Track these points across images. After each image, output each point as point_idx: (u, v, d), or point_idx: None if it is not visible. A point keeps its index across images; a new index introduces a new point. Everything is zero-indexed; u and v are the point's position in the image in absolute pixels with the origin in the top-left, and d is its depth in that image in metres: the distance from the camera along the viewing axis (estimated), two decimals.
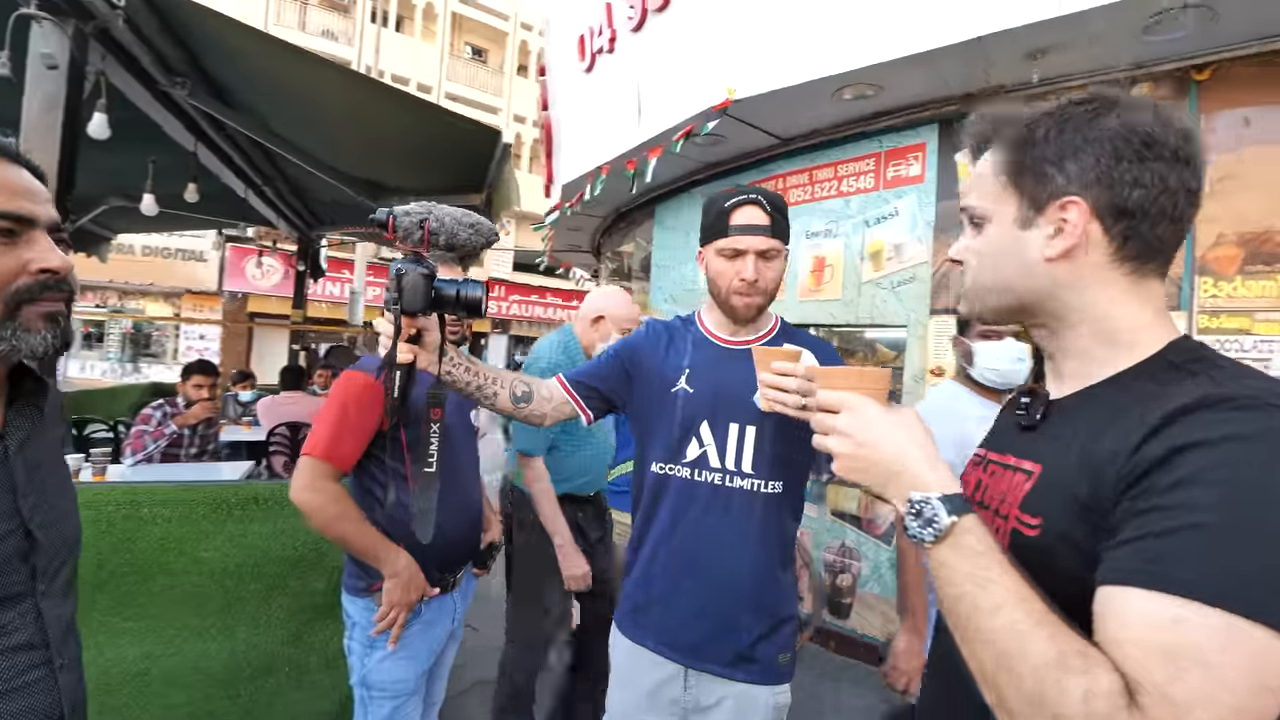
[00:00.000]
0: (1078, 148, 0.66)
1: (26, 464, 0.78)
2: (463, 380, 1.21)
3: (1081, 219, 0.65)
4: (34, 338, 0.74)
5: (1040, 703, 0.51)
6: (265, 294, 13.65)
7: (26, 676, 0.75)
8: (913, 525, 0.62)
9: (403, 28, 18.99)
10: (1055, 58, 2.64)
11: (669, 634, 1.32)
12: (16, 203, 0.73)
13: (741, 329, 1.37)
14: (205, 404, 3.48)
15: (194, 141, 3.26)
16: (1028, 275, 0.70)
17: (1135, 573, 0.52)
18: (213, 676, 2.00)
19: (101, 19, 2.18)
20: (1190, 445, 0.53)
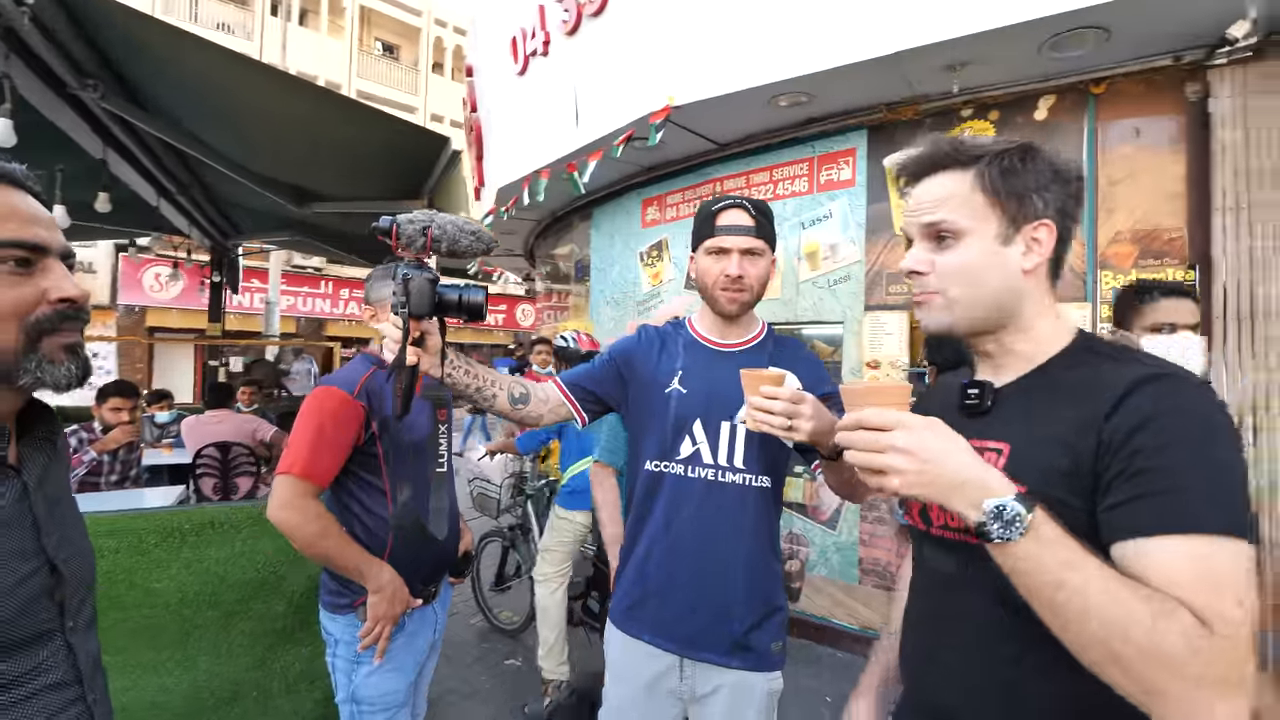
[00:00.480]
0: (1050, 180, 0.81)
1: (47, 500, 0.75)
2: (463, 382, 1.22)
3: (1050, 239, 0.81)
4: (58, 370, 0.72)
5: (1154, 650, 0.61)
6: (166, 306, 12.68)
7: (64, 714, 0.73)
8: (994, 528, 0.66)
9: (307, 22, 18.07)
10: (973, 70, 2.88)
11: (665, 626, 1.36)
12: (31, 231, 0.71)
13: (731, 332, 1.43)
14: (126, 427, 3.24)
15: (103, 148, 3.03)
16: (1009, 285, 0.82)
17: (1162, 523, 0.65)
18: (173, 711, 1.90)
19: (6, 18, 2.02)
20: (1156, 415, 0.68)
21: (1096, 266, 2.92)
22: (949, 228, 0.82)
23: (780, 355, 1.43)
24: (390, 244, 1.04)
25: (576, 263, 5.97)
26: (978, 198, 0.81)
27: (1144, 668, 0.62)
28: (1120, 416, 0.70)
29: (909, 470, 0.70)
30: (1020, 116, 3.04)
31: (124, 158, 3.26)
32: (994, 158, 0.81)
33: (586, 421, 1.44)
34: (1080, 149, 2.93)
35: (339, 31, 18.29)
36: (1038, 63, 2.80)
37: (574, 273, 6.07)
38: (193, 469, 3.84)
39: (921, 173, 0.86)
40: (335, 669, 1.60)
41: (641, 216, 4.86)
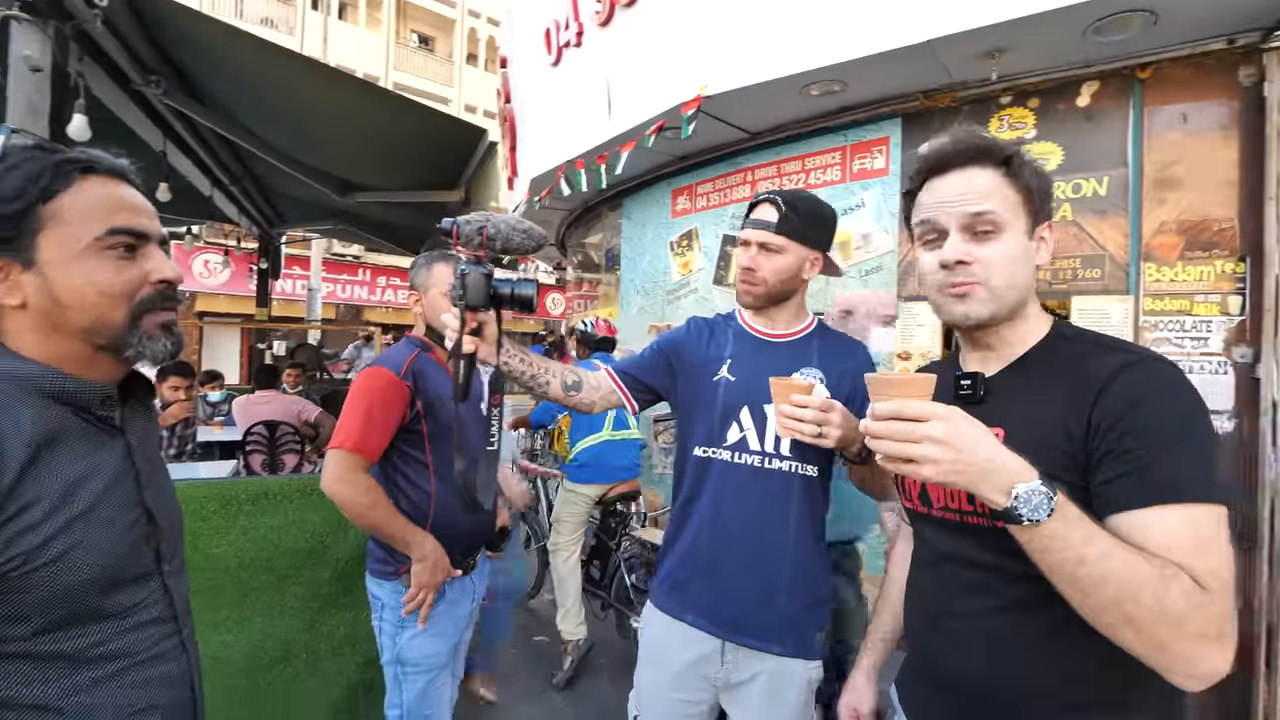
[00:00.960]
0: (1049, 186, 0.91)
1: (146, 458, 0.85)
2: (518, 369, 1.29)
3: (1053, 239, 0.91)
4: (156, 344, 0.81)
5: (1162, 611, 0.68)
6: (214, 292, 13.16)
7: (161, 646, 0.83)
8: (1024, 510, 0.71)
9: (346, 15, 18.41)
10: (1012, 56, 2.83)
11: (710, 608, 1.39)
12: (137, 219, 0.80)
13: (778, 323, 1.47)
14: (183, 404, 3.44)
15: (163, 140, 3.20)
16: (1030, 278, 0.90)
17: (1153, 496, 0.74)
18: (233, 666, 2.04)
19: (80, 19, 2.16)
20: (1140, 399, 0.77)
21: (1140, 258, 2.86)
22: (994, 219, 0.86)
23: (828, 349, 1.45)
24: (452, 242, 1.12)
25: (607, 252, 6.03)
26: (1012, 194, 0.87)
27: (1153, 627, 0.68)
28: (1108, 399, 0.78)
29: (944, 460, 0.72)
30: (1062, 103, 2.99)
31: (182, 150, 3.43)
32: (1021, 157, 0.88)
33: (637, 410, 1.49)
34: (1125, 136, 2.86)
35: (376, 24, 18.60)
36: (1080, 48, 2.74)
37: (604, 262, 6.14)
38: (242, 445, 4.04)
39: (953, 165, 0.89)
40: (381, 632, 1.71)
41: (672, 206, 4.89)
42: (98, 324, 0.77)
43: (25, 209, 0.73)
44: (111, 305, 0.77)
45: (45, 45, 2.04)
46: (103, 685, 0.75)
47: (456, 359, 1.13)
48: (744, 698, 1.39)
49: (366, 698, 2.27)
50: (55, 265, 0.75)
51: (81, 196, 0.76)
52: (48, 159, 0.76)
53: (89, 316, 0.76)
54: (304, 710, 2.17)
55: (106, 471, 0.79)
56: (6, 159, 0.74)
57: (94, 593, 0.75)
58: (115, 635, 0.77)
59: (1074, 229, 2.86)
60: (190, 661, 0.89)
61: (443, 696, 1.75)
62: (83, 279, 0.75)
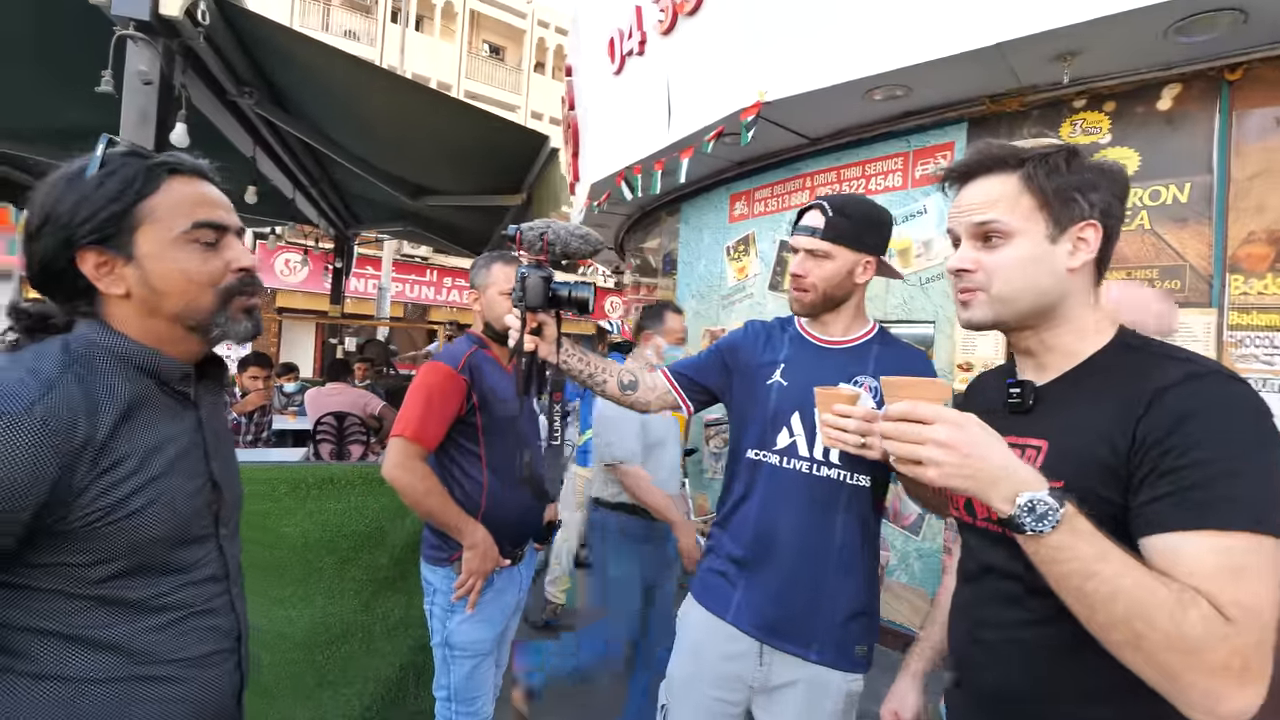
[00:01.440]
0: (1095, 181, 0.84)
1: (214, 431, 0.95)
2: (577, 368, 1.34)
3: (1097, 239, 0.84)
4: (239, 325, 0.89)
5: (1178, 636, 0.64)
6: (292, 289, 13.96)
7: (214, 602, 0.91)
8: (1029, 521, 0.70)
9: (422, 27, 19.21)
10: (1086, 59, 2.72)
11: (750, 610, 1.38)
12: (216, 213, 0.88)
13: (835, 329, 1.44)
14: (260, 392, 3.67)
15: (253, 146, 3.44)
16: (1054, 283, 0.85)
17: (1186, 519, 0.69)
18: (295, 640, 2.17)
19: (186, 37, 2.35)
20: (1191, 414, 0.71)
21: (1225, 269, 2.69)
22: (998, 228, 0.85)
23: (887, 356, 1.41)
24: (515, 247, 1.19)
25: (664, 256, 6.08)
26: (1025, 199, 0.84)
27: (1164, 651, 0.65)
28: (1154, 415, 0.73)
29: (947, 463, 0.73)
30: (1140, 106, 2.84)
31: (268, 155, 3.68)
32: (1040, 160, 0.84)
33: (693, 411, 1.51)
34: (1210, 140, 2.70)
35: (450, 35, 19.33)
36: (1161, 49, 2.61)
37: (661, 266, 6.19)
38: (313, 435, 4.28)
39: (969, 175, 0.89)
40: (432, 615, 1.79)
41: (730, 211, 4.90)
42: (188, 308, 0.85)
43: (124, 209, 0.81)
44: (199, 291, 0.85)
45: (155, 61, 2.24)
46: (163, 631, 0.83)
47: (518, 357, 1.19)
48: (778, 704, 1.37)
49: (417, 680, 2.37)
50: (151, 258, 0.82)
51: (170, 195, 0.84)
52: (140, 164, 0.83)
53: (181, 302, 0.84)
54: (359, 687, 2.29)
55: (181, 439, 0.87)
56: (106, 165, 0.82)
57: (163, 547, 0.82)
58: (176, 588, 0.85)
59: (1151, 238, 2.71)
60: (238, 618, 0.96)
61: (487, 681, 1.82)
62: (174, 268, 0.83)
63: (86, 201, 0.80)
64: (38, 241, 0.82)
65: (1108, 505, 0.75)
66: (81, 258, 0.81)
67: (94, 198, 0.80)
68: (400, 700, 2.34)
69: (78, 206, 0.80)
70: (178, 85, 2.42)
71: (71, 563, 0.76)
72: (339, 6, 18.00)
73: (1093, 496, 0.74)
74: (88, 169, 0.81)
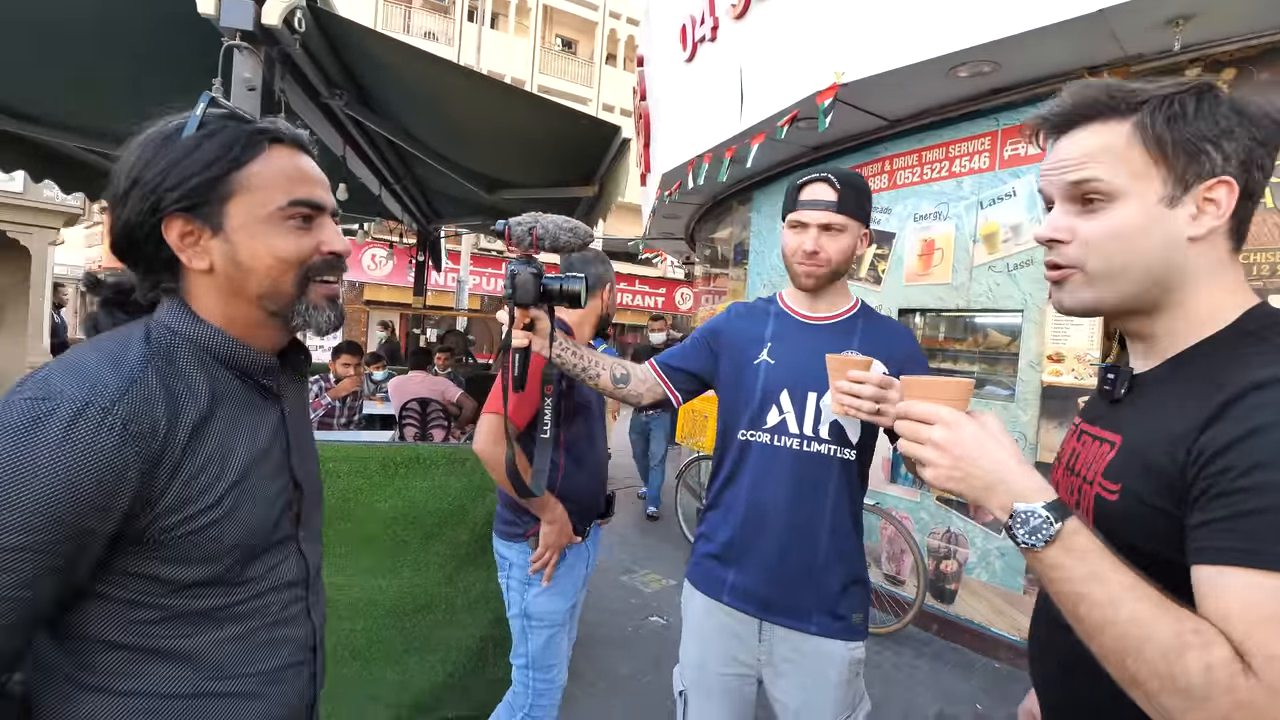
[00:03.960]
0: (1232, 128, 0.67)
1: (296, 426, 0.89)
2: (570, 362, 1.37)
3: (1230, 200, 0.67)
4: (320, 315, 0.82)
5: (1170, 678, 0.56)
6: (378, 283, 14.71)
7: (290, 609, 0.85)
8: (1021, 533, 0.65)
9: (497, 25, 19.69)
10: (1200, 23, 2.50)
11: (746, 589, 1.40)
12: (315, 191, 0.80)
13: (820, 305, 1.45)
14: (353, 379, 3.91)
15: (343, 145, 3.65)
16: (1170, 256, 0.69)
17: (1233, 552, 0.58)
18: (383, 608, 2.32)
19: (284, 44, 2.52)
20: (1258, 429, 0.58)
21: None
22: (1100, 188, 0.70)
23: (871, 331, 1.41)
24: (505, 243, 1.21)
25: (736, 246, 6.02)
26: (1136, 152, 0.69)
27: (1159, 695, 0.58)
28: (1222, 425, 0.61)
29: (942, 465, 0.71)
30: (1265, 73, 2.58)
31: (357, 154, 3.89)
32: (1160, 103, 0.68)
33: (681, 402, 1.51)
34: None
35: (524, 31, 19.73)
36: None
37: (732, 256, 6.13)
38: (399, 419, 4.52)
39: (1068, 124, 0.74)
40: (509, 588, 1.88)
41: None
42: (272, 290, 0.78)
43: (219, 176, 0.74)
44: (285, 271, 0.78)
45: (258, 68, 2.41)
46: (238, 643, 0.77)
47: (507, 352, 1.22)
48: (785, 676, 1.39)
49: (495, 651, 2.49)
50: (241, 231, 0.75)
51: (269, 165, 0.77)
52: (241, 128, 0.76)
53: (266, 282, 0.77)
54: (441, 656, 2.42)
55: (264, 436, 0.81)
56: (205, 126, 0.74)
57: (243, 554, 0.76)
58: (252, 596, 0.79)
59: (1275, 216, 2.46)
60: (314, 628, 0.89)
61: (562, 650, 1.90)
62: (264, 245, 0.76)
63: (179, 165, 0.73)
64: (123, 205, 0.74)
65: (1164, 518, 0.65)
66: (168, 225, 0.74)
67: (188, 162, 0.73)
68: (480, 669, 2.46)
69: (169, 169, 0.72)
70: (278, 90, 2.60)
71: (145, 573, 0.70)
72: (419, 9, 18.71)
73: (1147, 506, 0.67)
74: (185, 128, 0.74)
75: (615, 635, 3.29)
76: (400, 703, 2.36)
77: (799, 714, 1.38)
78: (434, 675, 2.40)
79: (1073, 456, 0.83)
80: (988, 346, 3.66)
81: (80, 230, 19.39)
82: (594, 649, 3.11)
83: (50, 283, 7.34)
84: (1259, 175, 0.68)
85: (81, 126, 3.68)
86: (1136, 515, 0.68)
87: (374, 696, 2.35)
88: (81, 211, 7.71)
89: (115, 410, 0.65)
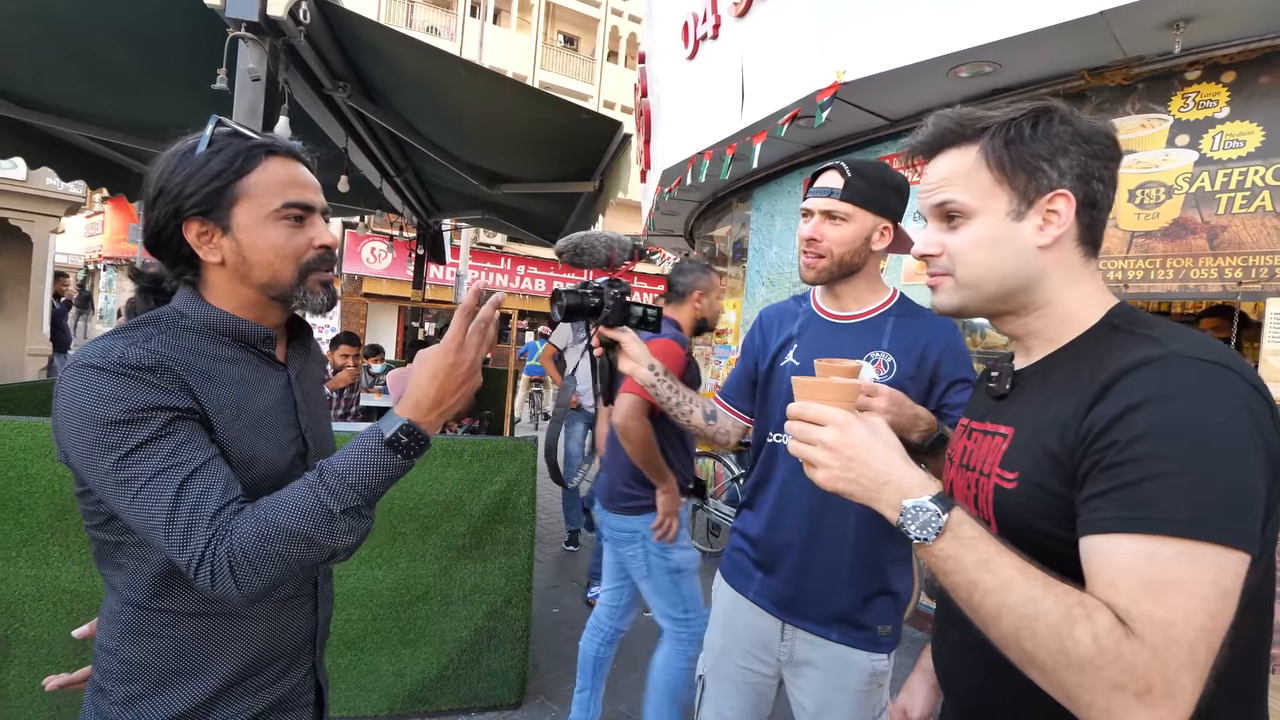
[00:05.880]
0: (1065, 145, 0.74)
1: (304, 390, 1.01)
2: (665, 395, 1.38)
3: (1069, 211, 0.75)
4: (316, 298, 0.95)
5: (1062, 653, 0.58)
6: (377, 276, 14.70)
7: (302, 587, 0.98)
8: (913, 529, 0.67)
9: (500, 20, 19.65)
10: (1201, 25, 2.51)
11: (770, 590, 1.40)
12: (306, 194, 0.93)
13: (848, 302, 1.41)
14: (350, 370, 3.92)
15: (345, 138, 3.65)
16: (1023, 263, 0.77)
17: (1113, 520, 0.61)
18: (381, 599, 2.34)
19: (289, 36, 2.52)
20: (1138, 404, 0.62)
21: None
22: (956, 208, 0.79)
23: (902, 328, 1.35)
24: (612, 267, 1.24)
25: (735, 243, 6.03)
26: (983, 174, 0.77)
27: (1056, 670, 0.59)
28: (1103, 405, 0.65)
29: (832, 466, 0.73)
30: (1264, 76, 2.59)
31: (359, 146, 3.89)
32: (999, 128, 0.76)
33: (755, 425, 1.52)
34: None
35: (526, 27, 19.70)
36: None
37: (731, 253, 6.14)
38: None
39: (931, 151, 0.82)
40: (647, 554, 2.13)
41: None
42: (273, 279, 0.91)
43: (225, 185, 0.87)
44: (284, 264, 0.91)
45: (263, 59, 2.41)
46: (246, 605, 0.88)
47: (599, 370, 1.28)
48: (804, 678, 1.39)
49: (489, 644, 2.50)
50: (245, 230, 0.89)
51: (266, 174, 0.89)
52: (243, 144, 0.89)
53: (267, 273, 0.91)
54: (436, 647, 2.44)
55: (272, 394, 0.94)
56: (214, 144, 0.89)
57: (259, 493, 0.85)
58: None
59: (1274, 219, 2.47)
60: (319, 602, 1.04)
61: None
62: (265, 242, 0.89)
63: (195, 177, 0.87)
64: (153, 211, 0.89)
65: (1059, 502, 0.68)
66: (187, 227, 0.88)
67: (201, 174, 0.87)
68: (475, 661, 2.48)
69: (187, 180, 0.87)
70: (281, 81, 2.60)
71: None
72: (422, 3, 18.67)
73: (1044, 490, 0.70)
74: (198, 146, 0.88)
75: None
76: (395, 693, 2.38)
77: (816, 717, 1.38)
78: (428, 666, 2.42)
79: (965, 454, 0.86)
80: (985, 346, 3.68)
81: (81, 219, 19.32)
82: None
83: (51, 271, 7.33)
84: (1099, 186, 0.75)
85: (85, 114, 3.68)
86: (1035, 499, 0.71)
87: (368, 686, 2.36)
88: (83, 200, 7.70)
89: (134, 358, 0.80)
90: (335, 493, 0.79)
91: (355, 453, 0.82)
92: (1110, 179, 0.76)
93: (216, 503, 0.78)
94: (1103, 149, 0.75)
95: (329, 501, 0.79)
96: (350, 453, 0.82)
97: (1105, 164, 0.75)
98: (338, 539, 0.80)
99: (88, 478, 0.80)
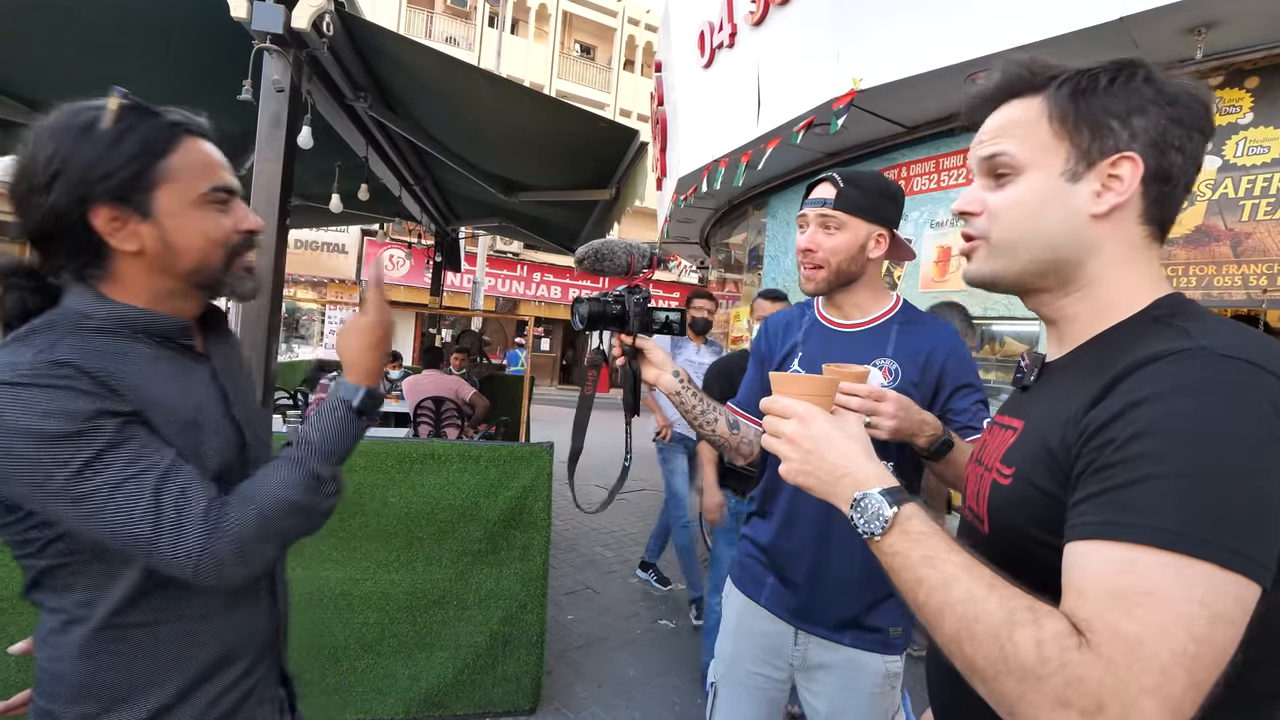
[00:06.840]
0: (1144, 105, 0.64)
1: (230, 380, 0.94)
2: (690, 403, 1.36)
3: (1134, 177, 0.64)
4: (243, 284, 0.90)
5: (1002, 659, 0.52)
6: (395, 283, 14.87)
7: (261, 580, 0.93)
8: (859, 521, 0.64)
9: (518, 30, 19.87)
10: (1222, 31, 2.48)
11: (781, 596, 1.40)
12: (227, 176, 0.87)
13: (851, 311, 1.41)
14: None
15: (365, 147, 3.71)
16: (1070, 231, 0.67)
17: (1096, 526, 0.54)
18: (397, 602, 2.35)
19: (312, 47, 2.58)
20: (1142, 400, 0.55)
21: None
22: (1007, 162, 0.69)
23: (907, 336, 1.36)
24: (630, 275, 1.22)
25: (750, 251, 6.03)
26: (1044, 126, 0.67)
27: (997, 679, 0.53)
28: (1108, 400, 0.58)
29: (794, 458, 0.72)
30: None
31: (379, 155, 3.95)
32: (1071, 77, 0.67)
33: None
34: None
35: (544, 37, 19.89)
36: None
37: (747, 261, 6.14)
38: (413, 417, 4.57)
39: (996, 100, 0.73)
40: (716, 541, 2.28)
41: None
42: (201, 266, 0.85)
43: (145, 168, 0.79)
44: (213, 250, 0.85)
45: (287, 70, 2.46)
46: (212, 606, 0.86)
47: (625, 380, 1.26)
48: (817, 682, 1.39)
49: (504, 650, 2.51)
50: (171, 216, 0.81)
51: (188, 155, 0.83)
52: (158, 122, 0.81)
53: (197, 260, 0.84)
54: (452, 652, 2.45)
55: (200, 389, 0.87)
56: (122, 120, 0.79)
57: None
58: None
59: None
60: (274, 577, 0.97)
61: None
62: (194, 228, 0.83)
63: (105, 158, 0.77)
64: (43, 195, 0.77)
65: (1051, 502, 0.62)
66: (94, 213, 0.78)
67: (113, 155, 0.77)
68: (490, 666, 2.48)
69: (96, 162, 0.77)
70: (304, 91, 2.66)
71: None
72: (441, 14, 18.94)
73: (1036, 489, 0.65)
74: (98, 122, 0.78)
75: (625, 638, 3.30)
76: (410, 697, 2.39)
77: None
78: (444, 671, 2.43)
79: (982, 448, 0.82)
80: (1004, 354, 3.64)
81: None
82: (603, 651, 3.12)
83: None
84: (1176, 157, 0.65)
85: None
86: (1027, 497, 0.66)
87: (384, 690, 2.38)
88: None
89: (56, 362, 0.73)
90: (321, 460, 0.85)
91: (329, 422, 0.87)
92: (1192, 154, 0.65)
93: (201, 499, 0.75)
94: (1189, 115, 0.64)
95: (318, 468, 0.85)
96: (324, 424, 0.87)
97: (1189, 134, 0.64)
98: (326, 502, 0.87)
99: (30, 501, 0.73)
